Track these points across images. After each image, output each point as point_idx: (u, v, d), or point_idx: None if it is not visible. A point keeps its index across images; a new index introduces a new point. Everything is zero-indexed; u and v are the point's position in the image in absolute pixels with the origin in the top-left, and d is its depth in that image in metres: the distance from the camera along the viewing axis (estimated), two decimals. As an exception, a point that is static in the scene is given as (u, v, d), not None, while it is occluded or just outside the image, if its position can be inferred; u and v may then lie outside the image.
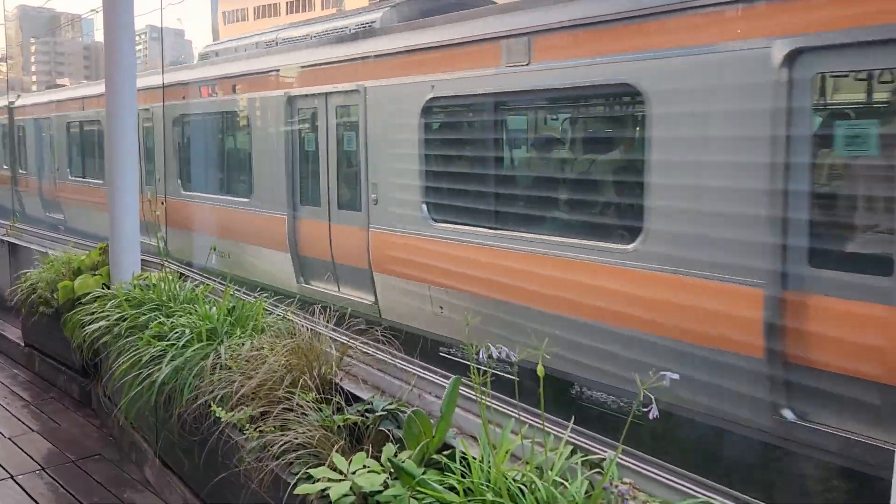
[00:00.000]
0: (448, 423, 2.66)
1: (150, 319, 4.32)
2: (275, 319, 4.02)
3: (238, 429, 3.30)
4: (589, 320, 5.85)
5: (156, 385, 3.70)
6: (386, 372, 3.44)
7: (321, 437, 2.87)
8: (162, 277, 5.06)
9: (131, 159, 5.52)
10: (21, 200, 18.53)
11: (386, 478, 2.57)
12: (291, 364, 3.31)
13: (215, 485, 3.51)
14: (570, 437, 2.52)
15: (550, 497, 2.19)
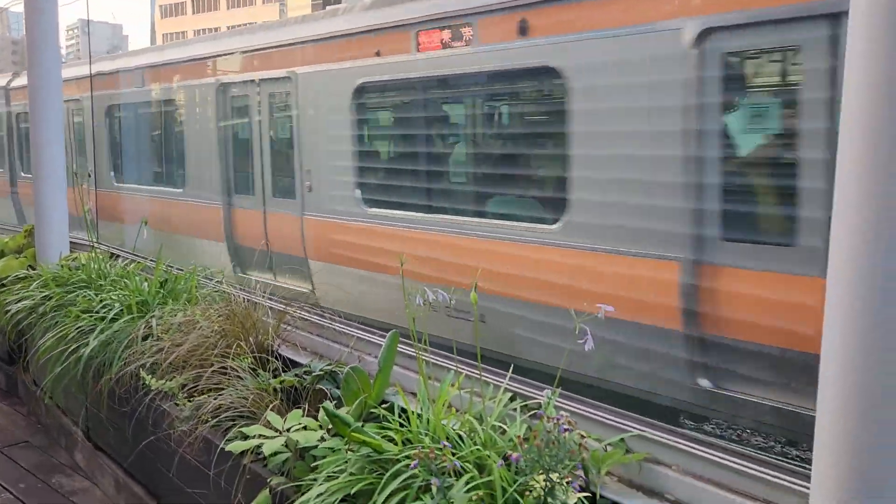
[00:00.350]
0: (387, 376, 2.61)
1: (78, 297, 4.14)
2: (209, 291, 3.89)
3: (169, 398, 3.18)
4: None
5: (82, 360, 3.54)
6: (325, 336, 3.36)
7: (255, 399, 2.78)
8: (91, 257, 4.86)
9: (56, 139, 5.34)
10: None
11: (323, 434, 2.50)
12: (226, 330, 3.20)
13: (145, 456, 3.39)
14: (508, 385, 2.50)
15: (490, 440, 2.16)
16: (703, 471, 2.02)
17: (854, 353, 1.47)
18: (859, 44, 1.43)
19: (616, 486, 2.12)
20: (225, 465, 2.71)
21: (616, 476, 2.16)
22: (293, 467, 2.44)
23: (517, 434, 2.16)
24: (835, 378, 1.51)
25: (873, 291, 1.44)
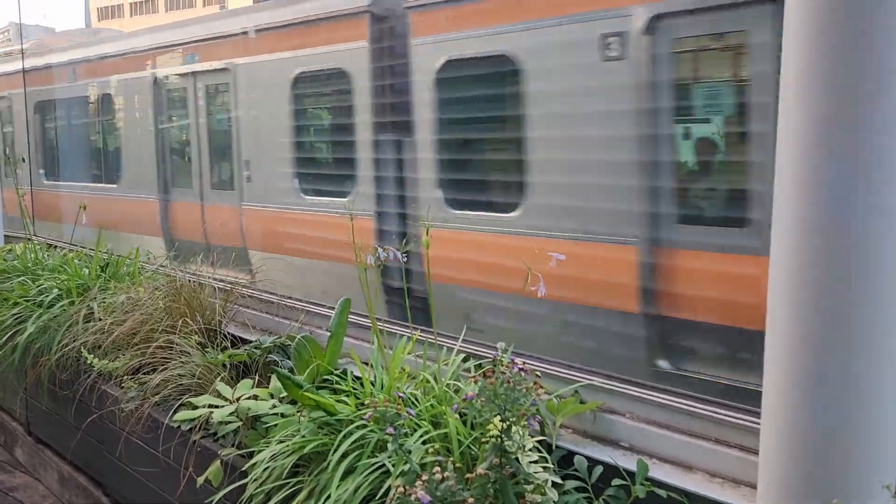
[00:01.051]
0: (339, 342, 2.57)
1: (13, 285, 3.98)
2: (153, 273, 3.78)
3: (112, 380, 3.08)
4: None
5: (19, 346, 3.40)
6: (274, 314, 3.30)
7: (203, 372, 2.71)
8: (27, 248, 4.69)
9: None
10: None
11: (274, 402, 2.45)
12: (171, 308, 3.12)
13: (89, 444, 3.27)
14: (461, 346, 2.49)
15: (445, 396, 2.15)
16: (656, 416, 2.05)
17: (799, 298, 1.49)
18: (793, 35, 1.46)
19: (571, 437, 2.13)
20: (173, 441, 2.63)
21: (571, 428, 2.17)
22: (244, 437, 2.39)
23: (472, 388, 2.16)
24: (782, 323, 1.52)
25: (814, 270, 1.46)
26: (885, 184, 1.40)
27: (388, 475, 1.92)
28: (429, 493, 1.64)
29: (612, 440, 2.07)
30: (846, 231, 1.42)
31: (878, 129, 1.39)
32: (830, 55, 1.42)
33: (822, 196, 1.45)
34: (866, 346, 1.42)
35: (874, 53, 1.37)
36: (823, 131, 1.44)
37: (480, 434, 1.95)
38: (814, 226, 1.47)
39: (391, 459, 1.90)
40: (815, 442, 1.46)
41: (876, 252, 1.42)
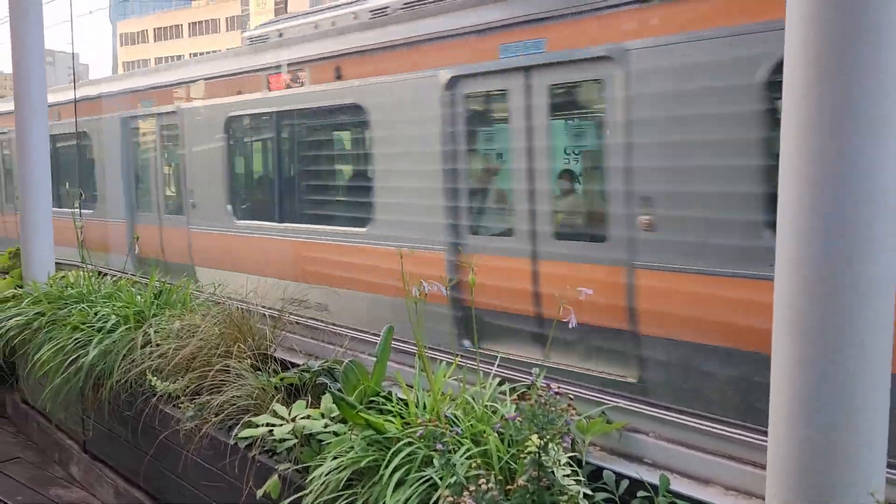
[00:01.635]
0: (384, 366, 2.81)
1: (71, 312, 4.27)
2: (203, 301, 4.05)
3: (172, 403, 3.34)
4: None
5: (83, 368, 3.67)
6: (319, 339, 3.55)
7: (259, 394, 2.96)
8: (79, 275, 4.99)
9: (43, 165, 5.47)
10: None
11: (326, 421, 2.69)
12: (225, 334, 3.38)
13: (147, 461, 3.52)
14: (497, 371, 2.72)
15: (485, 416, 2.37)
16: (677, 435, 2.26)
17: (801, 323, 1.71)
18: (796, 44, 1.70)
19: (600, 454, 2.35)
20: (232, 458, 2.88)
21: (599, 446, 2.39)
22: (300, 453, 2.62)
23: (508, 410, 2.38)
24: (785, 348, 1.74)
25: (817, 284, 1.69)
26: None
27: (436, 487, 2.15)
28: (476, 502, 1.87)
29: (636, 457, 2.29)
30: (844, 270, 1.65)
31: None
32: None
33: (819, 234, 1.67)
34: (859, 372, 1.64)
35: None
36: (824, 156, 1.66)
37: (517, 451, 2.18)
38: (815, 268, 1.69)
39: (438, 473, 2.13)
40: (813, 458, 1.67)
41: (877, 284, 1.63)
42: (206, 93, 9.43)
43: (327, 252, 7.66)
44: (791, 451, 1.74)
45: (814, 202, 1.66)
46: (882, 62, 1.60)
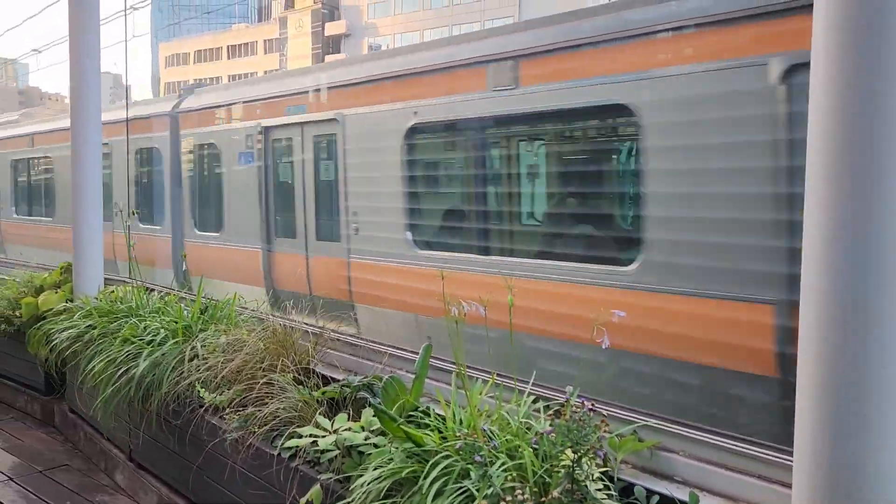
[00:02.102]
0: (422, 382, 2.92)
1: (121, 325, 4.46)
2: (247, 317, 4.21)
3: (217, 414, 3.49)
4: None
5: (134, 380, 3.84)
6: (358, 356, 3.68)
7: (302, 407, 3.09)
8: (129, 290, 5.20)
9: (95, 182, 5.72)
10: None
11: (367, 434, 2.81)
12: (269, 349, 3.52)
13: (191, 470, 3.67)
14: (531, 389, 2.81)
15: (521, 431, 2.47)
16: (707, 454, 2.34)
17: (826, 346, 1.79)
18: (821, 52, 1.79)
19: (631, 471, 2.43)
20: (276, 468, 3.01)
21: (630, 464, 2.47)
22: (342, 464, 2.74)
23: (542, 426, 2.48)
24: (812, 368, 1.82)
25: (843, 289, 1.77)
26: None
27: (472, 499, 2.25)
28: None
29: (667, 475, 2.37)
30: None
31: None
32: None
33: (845, 266, 1.76)
34: (884, 395, 1.71)
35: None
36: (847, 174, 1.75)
37: (551, 465, 2.27)
38: (840, 293, 1.77)
39: (475, 485, 2.23)
40: (838, 479, 1.75)
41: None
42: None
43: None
44: (816, 472, 1.81)
45: (838, 229, 1.75)
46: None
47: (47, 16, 18.37)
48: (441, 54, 7.55)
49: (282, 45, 78.06)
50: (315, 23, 74.91)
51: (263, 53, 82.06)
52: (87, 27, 5.57)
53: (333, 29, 73.38)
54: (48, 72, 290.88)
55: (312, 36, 74.54)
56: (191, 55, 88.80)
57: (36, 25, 24.16)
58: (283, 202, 9.37)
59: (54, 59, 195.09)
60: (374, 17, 71.75)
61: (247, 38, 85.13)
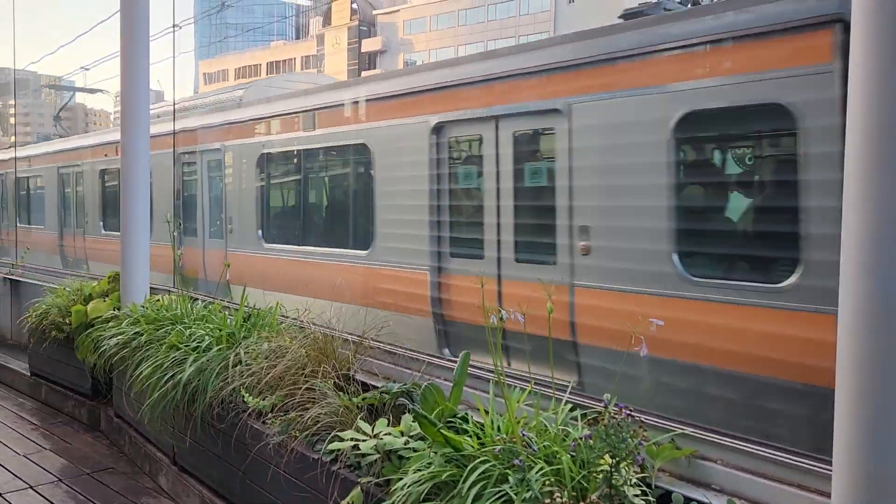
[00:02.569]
0: (461, 389, 2.98)
1: (167, 332, 4.60)
2: (289, 325, 4.32)
3: (261, 419, 3.58)
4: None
5: (181, 384, 3.96)
6: (397, 363, 3.75)
7: (343, 412, 3.17)
8: (174, 299, 5.35)
9: (143, 195, 5.91)
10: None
11: (406, 439, 2.87)
12: (310, 355, 3.61)
13: (234, 473, 3.76)
14: (569, 397, 2.85)
15: (558, 438, 2.51)
16: (744, 463, 2.35)
17: (865, 354, 1.81)
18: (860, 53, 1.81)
19: (668, 479, 2.45)
20: (317, 472, 3.08)
21: (668, 472, 2.49)
22: (381, 467, 2.81)
23: (580, 433, 2.51)
24: (849, 378, 1.84)
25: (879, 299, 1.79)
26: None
27: (510, 503, 2.29)
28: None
29: (704, 483, 2.38)
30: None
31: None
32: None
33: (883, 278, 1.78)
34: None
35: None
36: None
37: (588, 471, 2.31)
38: (878, 302, 1.79)
39: (514, 489, 2.28)
40: (876, 489, 1.76)
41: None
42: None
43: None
44: (854, 482, 1.83)
45: (876, 237, 1.77)
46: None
47: (93, 34, 19.29)
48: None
49: (319, 61, 79.24)
50: (352, 39, 75.99)
51: (301, 69, 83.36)
52: (138, 45, 5.78)
53: (369, 45, 74.31)
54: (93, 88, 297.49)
55: (349, 52, 75.57)
56: (230, 71, 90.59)
57: (83, 44, 24.78)
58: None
59: (100, 76, 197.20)
60: (410, 33, 72.49)
61: (285, 54, 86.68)
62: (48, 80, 62.41)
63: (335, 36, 77.64)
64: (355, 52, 74.70)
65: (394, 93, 7.99)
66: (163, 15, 8.91)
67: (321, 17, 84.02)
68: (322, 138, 8.96)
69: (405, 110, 7.66)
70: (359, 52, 74.43)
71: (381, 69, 65.17)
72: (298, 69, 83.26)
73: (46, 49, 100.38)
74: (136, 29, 5.76)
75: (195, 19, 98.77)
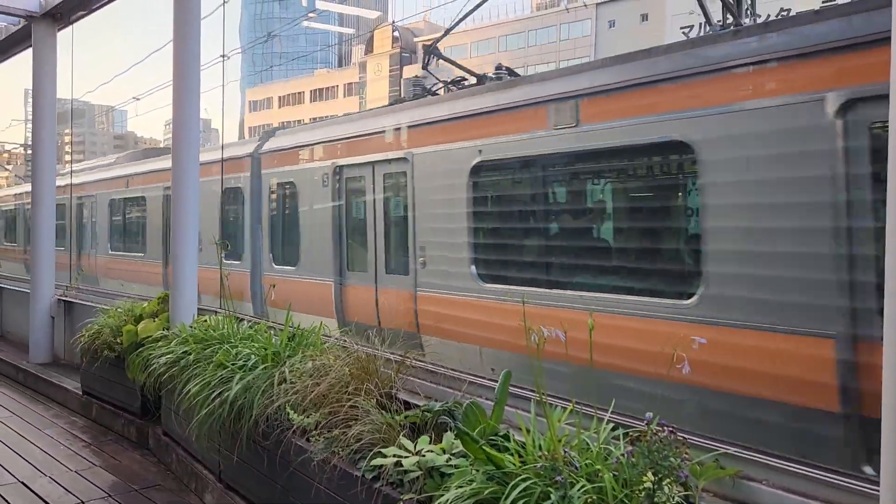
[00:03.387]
0: (502, 407, 3.00)
1: (215, 351, 4.71)
2: (332, 345, 4.39)
3: (304, 436, 3.64)
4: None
5: (227, 402, 4.05)
6: (438, 383, 3.78)
7: (386, 430, 3.21)
8: (221, 319, 5.48)
9: (192, 221, 6.10)
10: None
11: (448, 457, 2.89)
12: (353, 374, 3.67)
13: (277, 490, 3.82)
14: (611, 417, 2.85)
15: (600, 456, 2.51)
16: (790, 483, 2.32)
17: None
18: None
19: (712, 499, 2.43)
20: (359, 489, 3.12)
21: (711, 492, 2.47)
22: (423, 484, 2.83)
23: (622, 452, 2.51)
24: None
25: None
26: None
27: (552, 520, 2.30)
28: (592, 531, 2.01)
29: (749, 503, 2.36)
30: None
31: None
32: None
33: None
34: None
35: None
36: None
37: (630, 490, 2.30)
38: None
39: (556, 505, 2.28)
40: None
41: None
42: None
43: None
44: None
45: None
46: None
47: (144, 64, 20.33)
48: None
49: (361, 88, 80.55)
50: (393, 66, 77.15)
51: (344, 97, 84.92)
52: (189, 75, 6.00)
53: (411, 72, 75.29)
54: (143, 117, 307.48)
55: (390, 79, 76.69)
56: (274, 100, 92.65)
57: (133, 75, 25.65)
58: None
59: (150, 106, 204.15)
60: (451, 59, 73.20)
61: (328, 82, 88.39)
62: (101, 110, 64.35)
63: (377, 63, 78.93)
64: (397, 78, 75.78)
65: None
66: (212, 45, 9.17)
67: (364, 44, 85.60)
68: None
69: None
70: (400, 78, 75.47)
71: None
72: (341, 96, 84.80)
73: (101, 78, 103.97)
74: (188, 60, 5.99)
75: (243, 49, 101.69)
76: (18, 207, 23.65)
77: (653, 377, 4.26)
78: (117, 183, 16.47)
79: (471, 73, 9.47)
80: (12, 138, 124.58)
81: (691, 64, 5.83)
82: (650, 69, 6.14)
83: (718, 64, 5.58)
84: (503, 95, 7.70)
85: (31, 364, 8.71)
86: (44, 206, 8.99)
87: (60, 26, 8.96)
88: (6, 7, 8.72)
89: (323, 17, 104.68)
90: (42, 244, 8.96)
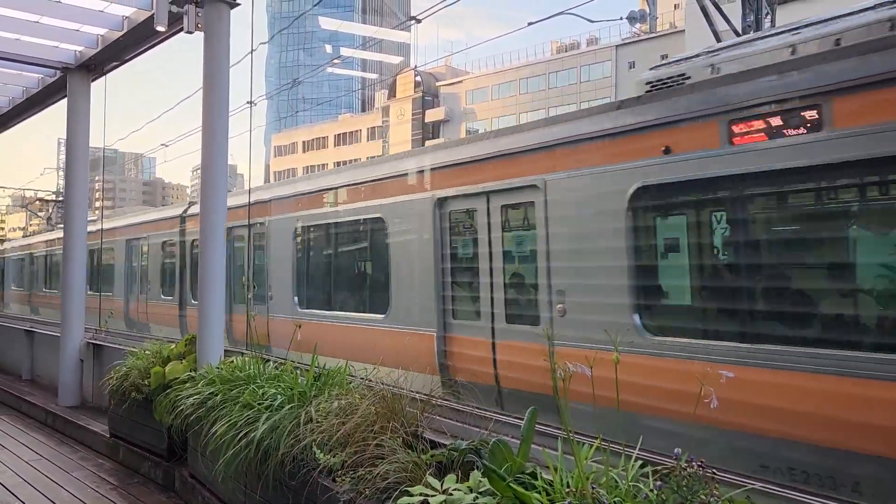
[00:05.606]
0: (529, 445, 2.98)
1: (241, 392, 4.74)
2: (357, 384, 4.40)
3: (331, 476, 3.63)
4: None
5: (254, 442, 4.07)
6: (464, 422, 3.77)
7: (412, 469, 3.20)
8: (247, 360, 5.52)
9: (219, 264, 6.21)
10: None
11: (475, 495, 2.88)
12: (380, 413, 3.68)
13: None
14: (638, 454, 2.82)
15: (629, 493, 2.49)
16: (824, 521, 2.28)
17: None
18: None
19: (743, 537, 2.38)
20: (385, 528, 3.10)
21: (742, 530, 2.42)
22: (451, 524, 2.81)
23: (651, 489, 2.48)
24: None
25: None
26: None
27: (581, 558, 2.27)
28: (622, 568, 1.98)
29: (782, 541, 2.31)
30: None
31: None
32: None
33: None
34: None
35: None
36: None
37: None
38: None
39: (584, 543, 2.26)
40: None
41: None
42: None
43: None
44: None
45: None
46: None
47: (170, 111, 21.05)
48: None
49: (384, 132, 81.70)
50: (415, 110, 78.23)
51: (367, 140, 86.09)
52: (218, 121, 6.16)
53: (433, 116, 76.32)
54: (170, 164, 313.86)
55: (413, 123, 77.74)
56: (299, 145, 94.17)
57: (162, 122, 26.38)
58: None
59: (178, 151, 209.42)
60: (472, 102, 74.20)
61: (352, 126, 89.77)
62: (130, 157, 65.86)
63: (400, 107, 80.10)
64: (419, 122, 76.79)
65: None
66: (240, 92, 9.39)
67: (386, 89, 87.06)
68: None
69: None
70: (422, 122, 76.48)
71: (444, 137, 66.69)
72: (364, 140, 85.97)
73: (131, 126, 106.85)
74: (217, 106, 6.16)
75: (268, 96, 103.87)
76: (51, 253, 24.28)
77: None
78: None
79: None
80: (45, 186, 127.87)
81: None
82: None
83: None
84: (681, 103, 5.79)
85: (59, 407, 8.81)
86: (75, 251, 9.18)
87: (94, 77, 9.26)
88: (44, 59, 9.04)
89: (346, 63, 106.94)
90: (72, 288, 9.12)
